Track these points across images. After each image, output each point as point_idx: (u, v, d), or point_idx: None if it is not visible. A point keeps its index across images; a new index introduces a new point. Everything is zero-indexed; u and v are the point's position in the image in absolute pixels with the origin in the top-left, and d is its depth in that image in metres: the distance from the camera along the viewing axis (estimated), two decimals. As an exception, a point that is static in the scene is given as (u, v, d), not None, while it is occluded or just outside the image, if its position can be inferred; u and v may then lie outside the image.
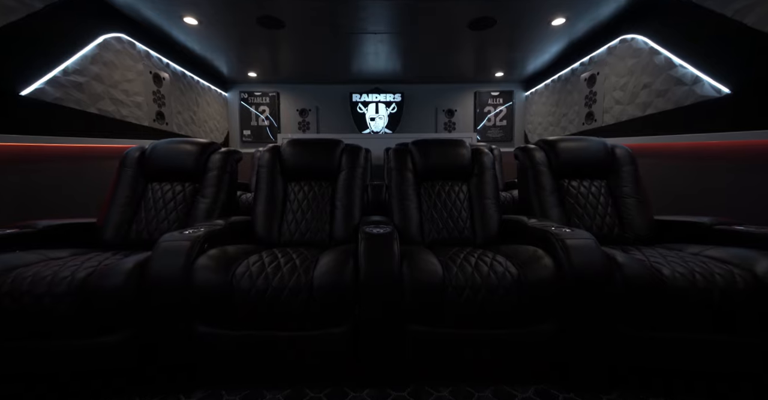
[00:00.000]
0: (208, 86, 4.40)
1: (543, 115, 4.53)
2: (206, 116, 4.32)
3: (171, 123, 3.36)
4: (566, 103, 3.82)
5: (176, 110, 3.52)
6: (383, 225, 1.26)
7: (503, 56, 3.98)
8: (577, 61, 3.52)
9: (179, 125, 3.59)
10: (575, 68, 3.58)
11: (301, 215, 1.54)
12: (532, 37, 3.30)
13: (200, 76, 4.14)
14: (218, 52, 3.74)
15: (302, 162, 1.64)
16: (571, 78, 3.67)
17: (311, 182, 1.64)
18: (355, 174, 1.64)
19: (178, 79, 3.61)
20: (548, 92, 4.35)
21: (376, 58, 4.23)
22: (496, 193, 1.61)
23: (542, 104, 4.54)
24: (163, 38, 3.13)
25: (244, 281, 0.98)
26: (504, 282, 0.99)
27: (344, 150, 1.72)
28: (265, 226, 1.49)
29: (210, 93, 4.47)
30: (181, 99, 3.67)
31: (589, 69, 3.29)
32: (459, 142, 1.75)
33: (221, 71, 4.47)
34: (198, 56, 3.79)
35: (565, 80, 3.84)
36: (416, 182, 1.65)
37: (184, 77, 3.72)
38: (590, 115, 3.25)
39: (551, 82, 4.23)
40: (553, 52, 3.70)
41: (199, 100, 4.14)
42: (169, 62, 3.38)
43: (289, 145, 1.69)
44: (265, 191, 1.58)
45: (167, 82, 3.29)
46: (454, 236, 1.52)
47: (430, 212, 1.58)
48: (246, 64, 4.33)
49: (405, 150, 1.76)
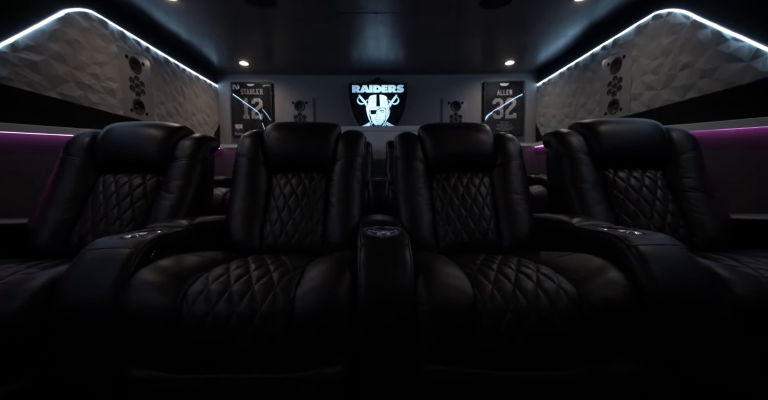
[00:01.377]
0: (196, 76, 4.14)
1: (557, 107, 4.26)
2: (194, 108, 4.06)
3: (152, 114, 3.10)
4: (585, 93, 3.55)
5: (158, 100, 3.26)
6: (389, 226, 1.01)
7: (515, 41, 3.72)
8: (598, 44, 3.25)
9: (162, 117, 3.33)
10: (596, 53, 3.32)
11: (288, 213, 1.28)
12: (550, 17, 3.04)
13: (187, 64, 3.88)
14: (205, 36, 3.48)
15: (290, 150, 1.38)
16: (591, 64, 3.41)
17: (301, 174, 1.38)
18: (354, 164, 1.38)
19: (161, 66, 3.35)
20: (563, 82, 4.09)
21: (377, 45, 3.98)
22: (525, 187, 1.35)
23: (556, 95, 4.28)
24: (141, 18, 2.87)
25: (198, 303, 0.72)
26: (559, 304, 0.73)
27: (341, 136, 1.46)
28: (244, 227, 1.23)
29: (198, 84, 4.21)
30: (165, 88, 3.41)
31: (612, 53, 3.02)
32: (478, 127, 1.49)
33: (210, 60, 4.21)
34: (183, 42, 3.53)
35: (583, 67, 3.58)
36: (427, 174, 1.39)
37: (167, 64, 3.46)
38: (614, 104, 2.99)
39: (567, 71, 3.96)
40: (570, 35, 3.44)
41: (186, 90, 3.88)
42: (149, 46, 3.12)
43: (274, 130, 1.43)
44: (244, 185, 1.32)
45: (147, 69, 3.03)
46: (475, 240, 1.26)
47: (446, 210, 1.32)
48: (237, 51, 4.07)
49: (413, 137, 1.50)
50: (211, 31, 3.38)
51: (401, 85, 4.92)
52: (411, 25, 3.30)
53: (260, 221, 1.27)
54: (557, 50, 3.90)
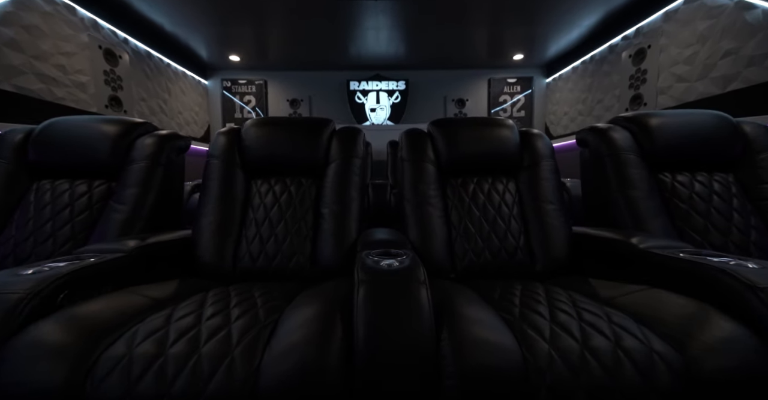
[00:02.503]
0: (183, 72, 3.91)
1: (569, 104, 4.03)
2: (180, 106, 3.83)
3: (131, 111, 2.86)
4: (602, 88, 3.33)
5: (139, 97, 3.03)
6: (396, 249, 0.77)
7: (523, 33, 3.49)
8: (617, 35, 3.02)
9: (143, 114, 3.09)
10: (615, 44, 3.09)
11: (269, 228, 1.05)
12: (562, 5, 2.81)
13: (173, 58, 3.65)
14: (192, 28, 3.24)
15: (273, 150, 1.15)
16: (609, 57, 3.18)
17: (286, 180, 1.15)
18: (351, 167, 1.14)
19: (142, 60, 3.12)
20: (576, 76, 3.86)
21: (377, 38, 3.76)
22: (560, 195, 1.12)
23: (568, 91, 4.05)
24: (117, 5, 2.64)
25: (110, 381, 0.48)
26: (656, 378, 0.50)
27: (335, 134, 1.23)
28: (214, 246, 1.00)
29: (186, 80, 3.98)
30: (147, 84, 3.18)
31: (635, 43, 2.79)
32: (500, 122, 1.25)
33: (199, 54, 3.98)
34: (168, 34, 3.30)
35: (600, 60, 3.35)
36: (440, 179, 1.16)
37: (149, 58, 3.23)
38: (637, 99, 2.76)
39: (581, 64, 3.74)
40: (585, 25, 3.21)
41: (171, 86, 3.65)
42: (128, 38, 2.88)
43: (254, 126, 1.20)
44: (216, 193, 1.09)
45: (126, 62, 2.80)
46: (501, 260, 1.03)
47: (464, 223, 1.08)
48: (227, 45, 3.85)
49: (422, 134, 1.27)
50: (199, 23, 3.14)
51: (402, 81, 4.69)
52: (413, 13, 3.08)
53: (235, 238, 1.04)
54: (570, 42, 3.67)
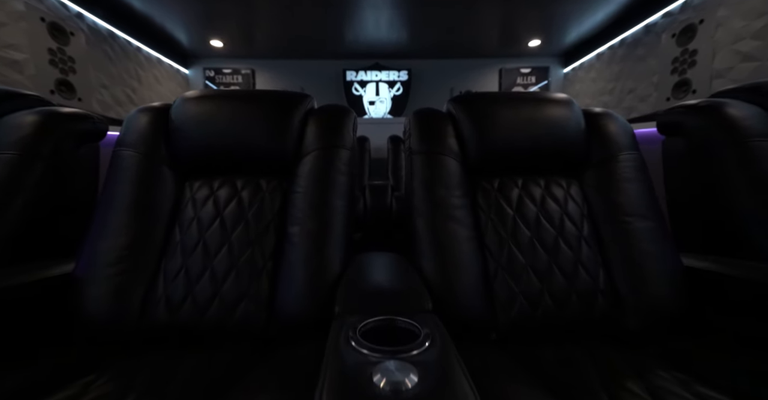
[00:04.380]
0: (157, 58, 3.53)
1: (592, 96, 3.66)
2: (154, 96, 3.45)
3: (89, 99, 2.49)
4: (634, 75, 2.95)
5: (99, 83, 2.65)
6: (409, 325, 0.40)
7: (541, 14, 3.12)
8: (656, 11, 2.65)
9: (105, 104, 2.72)
10: (653, 24, 2.72)
11: (203, 257, 0.68)
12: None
13: (144, 42, 3.27)
14: (168, 8, 2.87)
15: (218, 137, 0.78)
16: (645, 38, 2.81)
17: (236, 181, 0.78)
18: (335, 162, 0.77)
19: (103, 40, 2.74)
20: (601, 64, 3.49)
21: (376, 22, 3.40)
22: (654, 204, 0.75)
23: (591, 81, 3.68)
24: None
25: None
26: None
27: (312, 114, 0.85)
28: (109, 289, 0.63)
29: (161, 67, 3.61)
30: (110, 69, 2.80)
31: (681, 19, 2.43)
32: (554, 99, 0.88)
33: (177, 39, 3.61)
34: (138, 13, 2.92)
35: (632, 43, 2.98)
36: (467, 180, 0.79)
37: (113, 39, 2.85)
38: (683, 85, 2.39)
39: (607, 50, 3.36)
40: (614, 4, 2.84)
41: (143, 73, 3.27)
42: (83, 12, 2.51)
43: (189, 103, 0.82)
44: (124, 201, 0.71)
45: (80, 42, 2.42)
46: (570, 310, 0.66)
47: (507, 250, 0.71)
48: (209, 29, 3.48)
49: (440, 116, 0.90)
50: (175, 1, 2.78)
51: (405, 71, 4.32)
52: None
53: (149, 274, 0.67)
54: (594, 24, 3.30)
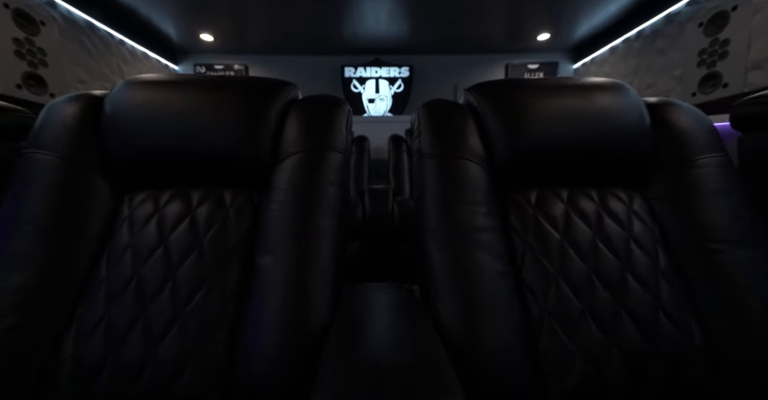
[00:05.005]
0: (143, 52, 3.35)
1: (605, 92, 3.48)
2: (140, 94, 3.27)
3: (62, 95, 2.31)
4: (654, 69, 2.77)
5: (76, 78, 2.47)
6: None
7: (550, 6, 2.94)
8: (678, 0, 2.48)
9: (83, 101, 2.53)
10: (675, 13, 2.54)
11: (135, 300, 0.49)
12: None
13: (128, 35, 3.09)
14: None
15: (169, 137, 0.59)
16: (666, 29, 2.63)
17: (190, 194, 0.58)
18: (322, 168, 0.57)
19: (80, 32, 2.55)
20: (615, 59, 3.31)
21: (376, 15, 3.23)
22: (755, 223, 0.56)
23: (604, 76, 3.48)
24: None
25: None
26: None
27: (293, 106, 0.67)
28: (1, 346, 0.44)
29: (147, 62, 3.43)
30: (88, 63, 2.62)
31: (710, 7, 2.24)
32: (605, 84, 0.70)
33: (165, 33, 3.43)
34: (120, 3, 2.74)
35: (651, 35, 2.80)
36: (495, 192, 0.61)
37: (92, 31, 2.67)
38: (711, 78, 2.20)
39: (622, 44, 3.18)
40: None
41: (127, 69, 3.09)
42: (55, 0, 2.33)
43: (132, 91, 0.63)
44: (33, 222, 0.53)
45: (53, 32, 2.24)
46: (652, 376, 0.47)
47: (553, 289, 0.52)
48: (199, 22, 3.31)
49: (458, 108, 0.71)
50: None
51: (406, 67, 4.14)
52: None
53: (56, 327, 0.48)
54: (608, 16, 3.12)
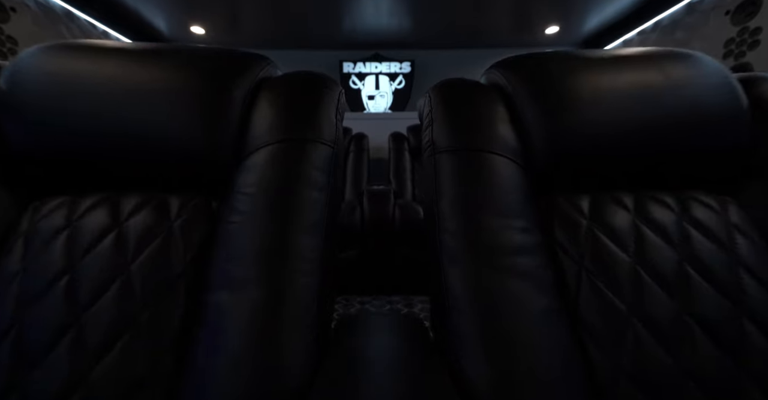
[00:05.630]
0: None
1: (617, 88, 3.33)
2: (126, 89, 3.11)
3: (37, 89, 2.15)
4: (672, 62, 2.62)
5: (53, 70, 2.32)
6: None
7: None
8: (702, -13, 2.34)
9: (62, 95, 2.38)
10: (697, 1, 2.39)
11: (10, 357, 0.33)
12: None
13: (111, 25, 2.94)
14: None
15: (91, 124, 0.43)
16: (687, 19, 2.48)
17: (120, 201, 0.43)
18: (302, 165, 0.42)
19: (57, 20, 2.40)
20: (629, 52, 3.16)
21: (376, 8, 3.10)
22: None
23: (616, 71, 3.34)
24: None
25: None
26: None
27: (265, 85, 0.50)
28: None
29: (135, 56, 3.26)
30: (69, 55, 2.47)
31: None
32: (679, 55, 0.54)
33: (153, 24, 3.28)
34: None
35: (669, 26, 2.65)
36: (534, 198, 0.45)
37: (71, 20, 2.52)
38: (741, 70, 2.06)
39: (637, 36, 3.04)
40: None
41: (111, 62, 2.93)
42: (28, -15, 2.19)
43: (41, 61, 0.46)
44: None
45: (24, 19, 2.09)
46: None
47: (630, 334, 0.37)
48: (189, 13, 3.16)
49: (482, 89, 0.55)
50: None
51: (407, 62, 3.99)
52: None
53: None
54: (622, 6, 2.97)
